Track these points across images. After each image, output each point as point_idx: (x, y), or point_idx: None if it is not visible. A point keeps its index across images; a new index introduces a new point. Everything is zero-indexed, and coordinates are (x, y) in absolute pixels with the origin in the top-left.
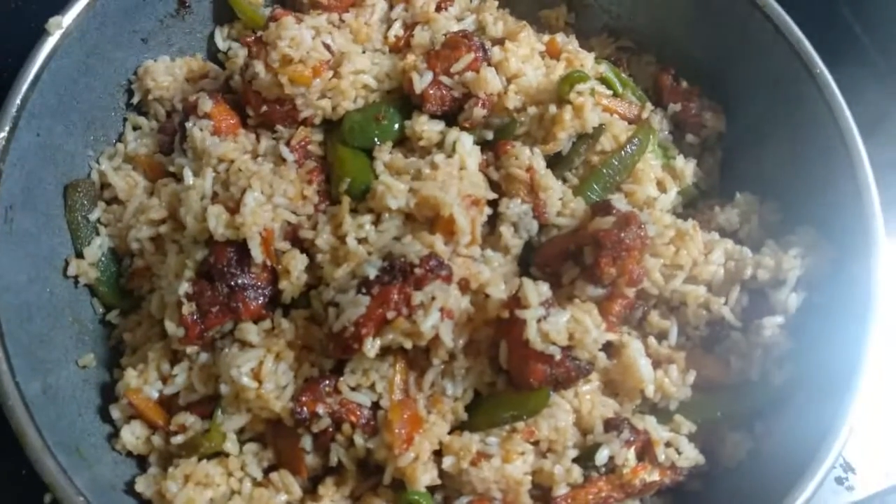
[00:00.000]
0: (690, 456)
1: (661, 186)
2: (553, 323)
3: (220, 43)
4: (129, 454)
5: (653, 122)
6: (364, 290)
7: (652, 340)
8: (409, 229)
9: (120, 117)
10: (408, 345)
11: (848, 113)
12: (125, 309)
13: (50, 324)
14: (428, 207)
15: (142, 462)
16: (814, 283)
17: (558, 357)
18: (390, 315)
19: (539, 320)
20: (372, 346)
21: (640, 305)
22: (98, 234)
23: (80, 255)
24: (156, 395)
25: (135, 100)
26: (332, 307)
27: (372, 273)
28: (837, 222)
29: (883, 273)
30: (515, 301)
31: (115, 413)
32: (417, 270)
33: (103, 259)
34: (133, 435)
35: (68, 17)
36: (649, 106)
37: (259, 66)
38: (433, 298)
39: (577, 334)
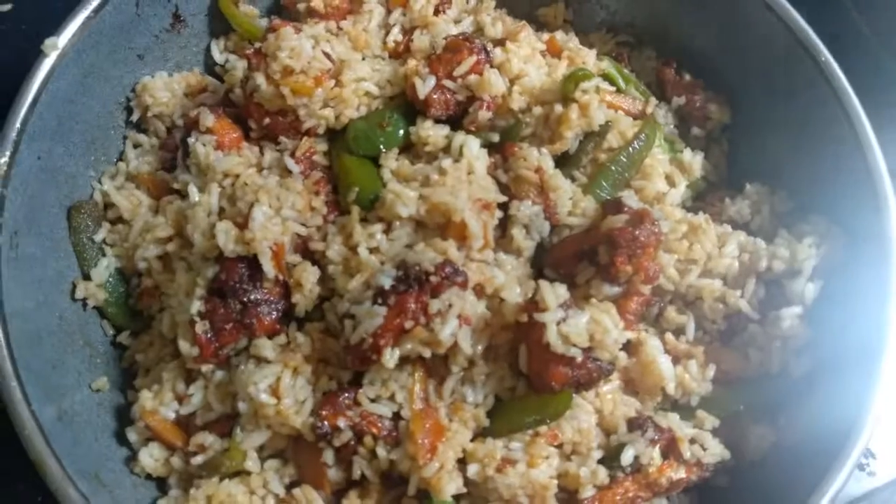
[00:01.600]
0: (716, 451)
1: (670, 181)
2: (573, 325)
3: (217, 56)
4: (149, 477)
5: (658, 116)
6: (380, 301)
7: (669, 337)
8: (420, 236)
9: (120, 136)
10: (426, 353)
11: (855, 98)
12: (135, 330)
13: (61, 348)
14: (439, 214)
15: (161, 484)
16: (829, 272)
17: (579, 359)
18: (408, 325)
19: (558, 323)
20: (391, 357)
21: (656, 302)
22: (104, 255)
23: (87, 278)
24: (172, 415)
25: (134, 117)
26: (348, 319)
27: (387, 283)
28: (849, 207)
29: None
30: (533, 304)
31: (132, 436)
32: (433, 278)
33: (111, 280)
34: (151, 457)
35: (63, 38)
36: (653, 100)
37: (260, 78)
38: (450, 306)
39: (597, 335)
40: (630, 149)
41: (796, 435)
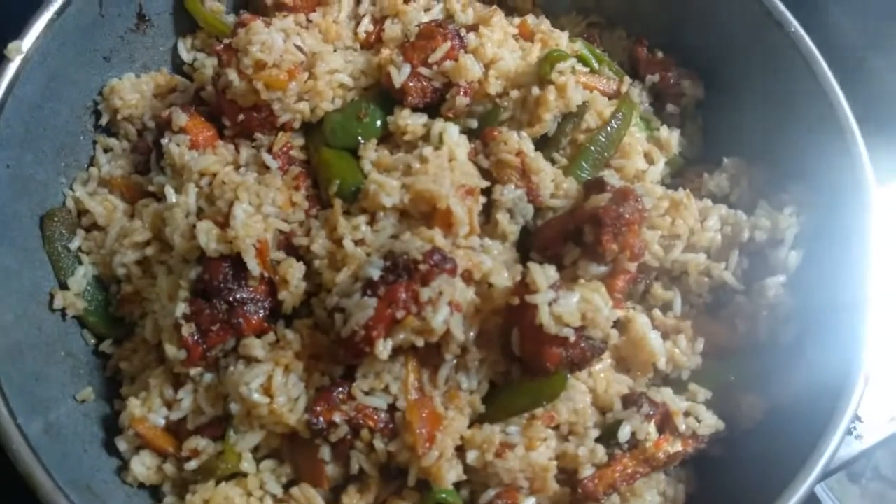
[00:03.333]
0: (710, 422)
1: (649, 158)
2: (564, 305)
3: (185, 55)
4: (142, 486)
5: (633, 95)
6: (370, 292)
7: (657, 313)
8: (405, 226)
9: (89, 140)
10: (419, 343)
11: (826, 66)
12: (118, 337)
13: (42, 361)
14: (423, 202)
15: (155, 492)
16: (810, 239)
17: (573, 339)
18: (400, 314)
19: (550, 304)
20: (384, 348)
21: (642, 279)
22: (81, 263)
23: (64, 287)
24: (162, 422)
25: (103, 121)
26: (337, 313)
27: (375, 274)
28: (826, 174)
29: (878, 219)
30: (524, 287)
31: (122, 445)
32: (422, 266)
33: (89, 288)
34: (143, 465)
35: (27, 41)
36: (628, 79)
37: (232, 74)
38: (441, 293)
39: (588, 314)
40: (608, 128)
41: (788, 401)
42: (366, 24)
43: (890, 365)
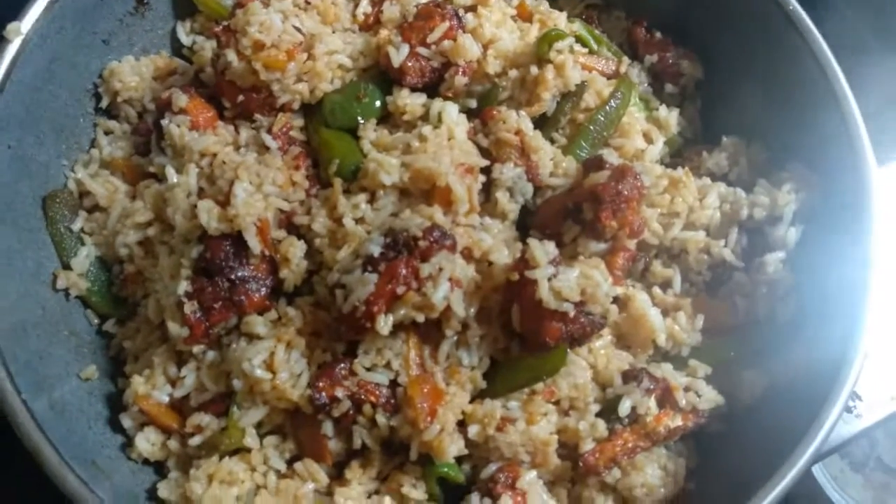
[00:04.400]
0: (710, 397)
1: (648, 138)
2: (564, 280)
3: (184, 38)
4: (146, 462)
5: (631, 75)
6: (370, 268)
7: (657, 290)
8: (405, 204)
9: (90, 123)
10: (420, 318)
11: (824, 44)
12: (121, 317)
13: (46, 340)
14: (422, 180)
15: (159, 468)
16: (809, 216)
17: (572, 313)
18: (400, 290)
19: (549, 279)
20: (385, 324)
21: (641, 257)
22: (83, 243)
23: (67, 267)
24: (166, 399)
25: (103, 104)
26: (338, 289)
27: (376, 250)
28: (825, 154)
29: (877, 198)
30: (524, 263)
31: (127, 422)
32: (422, 243)
33: (92, 269)
34: (148, 442)
35: (27, 23)
36: (626, 60)
37: (231, 55)
38: (441, 269)
39: (588, 289)
40: (607, 108)
41: (787, 378)
42: (364, 6)
43: (891, 344)
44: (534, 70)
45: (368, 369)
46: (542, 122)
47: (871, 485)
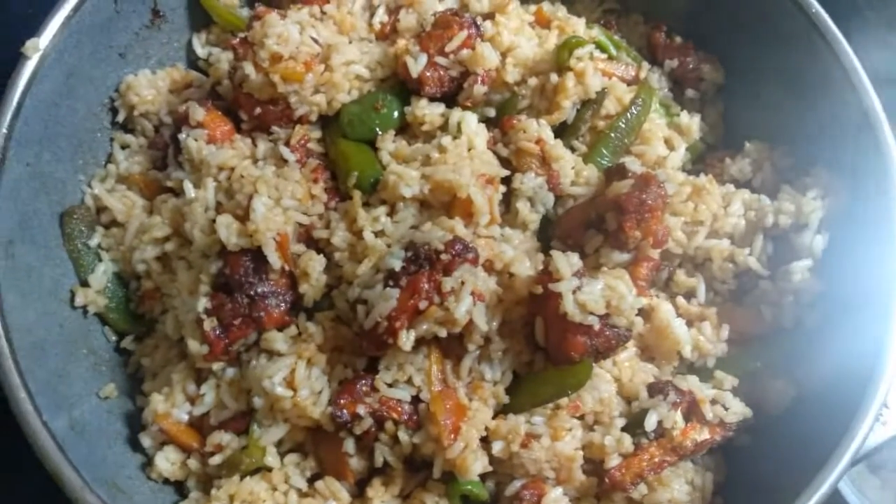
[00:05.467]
0: (737, 410)
1: (669, 144)
2: (588, 292)
3: (200, 50)
4: (167, 481)
5: (652, 81)
6: (392, 283)
7: (681, 300)
8: (426, 216)
9: (107, 137)
10: (442, 333)
11: (848, 47)
12: (139, 334)
13: (65, 358)
14: (443, 191)
15: (180, 487)
16: (835, 222)
17: (597, 326)
18: (422, 305)
19: (574, 291)
20: (407, 339)
21: (665, 266)
22: (101, 260)
23: (85, 284)
24: (185, 417)
25: (120, 118)
26: (360, 304)
27: (397, 264)
28: (849, 155)
29: None
30: (547, 275)
31: (146, 441)
32: (444, 256)
33: (109, 285)
34: (168, 461)
35: (44, 39)
36: (646, 65)
37: (248, 68)
38: (463, 283)
39: (612, 301)
40: (628, 115)
41: (816, 388)
42: (380, 15)
43: None
44: (553, 78)
45: (390, 385)
46: (561, 130)
47: (890, 486)
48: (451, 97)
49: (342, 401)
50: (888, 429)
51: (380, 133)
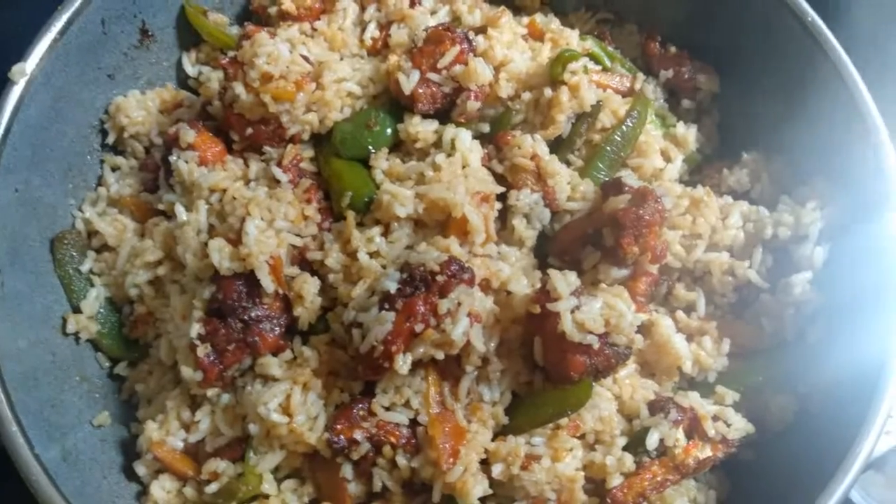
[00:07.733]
0: (740, 426)
1: (666, 156)
2: (587, 311)
3: (189, 69)
4: None
5: (647, 91)
6: (387, 306)
7: (681, 314)
8: (420, 236)
9: (97, 160)
10: (439, 355)
11: (844, 55)
12: (132, 359)
13: (57, 386)
14: (437, 210)
15: None
16: (835, 233)
17: (597, 345)
18: (419, 328)
19: (572, 311)
20: (404, 363)
21: (664, 281)
22: (92, 285)
23: (77, 310)
24: (181, 444)
25: (110, 139)
26: (355, 328)
27: (392, 287)
28: (849, 166)
29: None
30: (545, 294)
31: (141, 470)
32: (439, 277)
33: (102, 311)
34: (163, 490)
35: (31, 63)
36: (641, 76)
37: (239, 88)
38: (459, 304)
39: (612, 319)
40: (623, 127)
41: (819, 401)
42: (372, 31)
43: None
44: (548, 92)
45: (387, 409)
46: (556, 145)
47: (894, 484)
48: (444, 113)
49: (339, 426)
50: (892, 437)
51: (373, 151)
